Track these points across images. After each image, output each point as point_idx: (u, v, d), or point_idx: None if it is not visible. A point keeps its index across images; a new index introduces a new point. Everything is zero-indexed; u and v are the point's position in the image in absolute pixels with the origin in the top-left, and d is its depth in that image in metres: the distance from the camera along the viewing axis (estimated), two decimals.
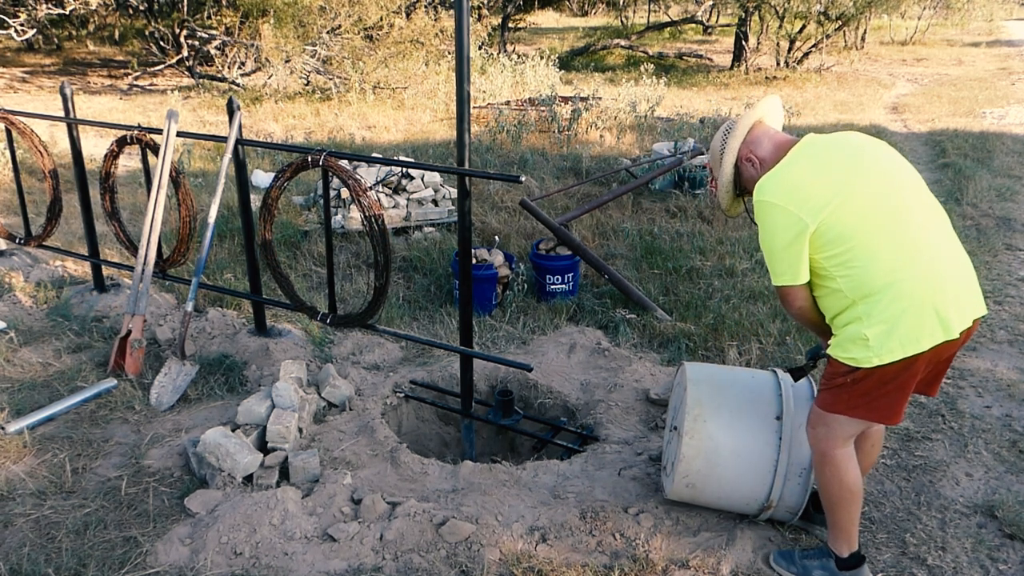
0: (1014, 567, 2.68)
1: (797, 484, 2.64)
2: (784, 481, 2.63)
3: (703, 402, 2.70)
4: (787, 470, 2.63)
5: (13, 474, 3.08)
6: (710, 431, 2.67)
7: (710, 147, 2.54)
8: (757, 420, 2.68)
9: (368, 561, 2.63)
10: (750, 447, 2.66)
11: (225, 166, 3.77)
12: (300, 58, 11.85)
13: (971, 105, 12.15)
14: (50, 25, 14.85)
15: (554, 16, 28.84)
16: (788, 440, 2.62)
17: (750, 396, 2.74)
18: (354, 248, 5.73)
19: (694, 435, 2.66)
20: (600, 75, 15.22)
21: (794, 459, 2.63)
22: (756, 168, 2.43)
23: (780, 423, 2.65)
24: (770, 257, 2.34)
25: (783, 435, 2.63)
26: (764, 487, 2.65)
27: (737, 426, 2.67)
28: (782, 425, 2.65)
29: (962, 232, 6.11)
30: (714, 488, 2.71)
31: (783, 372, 2.82)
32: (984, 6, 23.20)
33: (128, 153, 4.79)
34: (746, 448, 2.66)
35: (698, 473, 2.68)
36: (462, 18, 2.83)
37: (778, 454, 2.63)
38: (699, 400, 2.70)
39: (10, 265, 5.16)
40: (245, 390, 3.74)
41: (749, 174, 2.44)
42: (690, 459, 2.67)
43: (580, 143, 9.06)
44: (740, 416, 2.69)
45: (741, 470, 2.66)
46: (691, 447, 2.66)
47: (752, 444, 2.66)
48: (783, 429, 2.64)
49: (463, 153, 3.04)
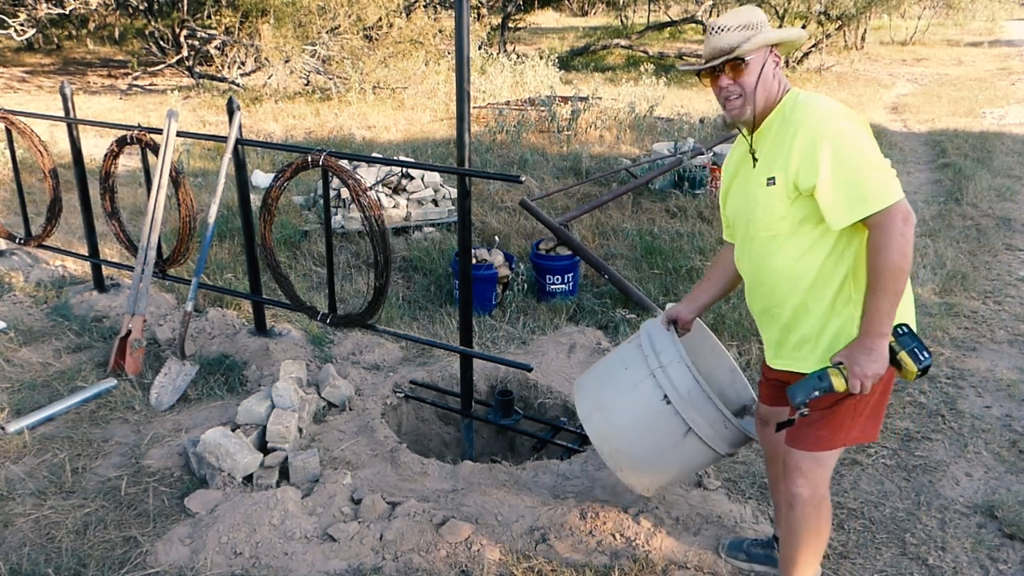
0: (1014, 567, 2.68)
1: (705, 406, 2.42)
2: (692, 410, 2.42)
3: (585, 399, 2.65)
4: (686, 401, 2.42)
5: (13, 474, 3.08)
6: (596, 418, 2.58)
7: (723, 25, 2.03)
8: (633, 380, 2.51)
9: (368, 561, 2.63)
10: (637, 406, 2.50)
11: (225, 166, 3.77)
12: (300, 58, 11.85)
13: (971, 105, 12.15)
14: (50, 25, 14.84)
15: (554, 16, 28.83)
16: (667, 382, 2.43)
17: (620, 366, 2.60)
18: (354, 248, 5.73)
19: (589, 424, 2.61)
20: (600, 75, 15.21)
21: (682, 391, 2.42)
22: (778, 77, 2.05)
23: (654, 376, 2.46)
24: (867, 171, 1.86)
25: (661, 382, 2.43)
26: (679, 427, 2.45)
27: (619, 399, 2.54)
28: (656, 374, 2.45)
29: (962, 232, 6.12)
30: (644, 458, 2.56)
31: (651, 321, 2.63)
32: (986, 6, 23.20)
33: (128, 153, 4.79)
34: (635, 409, 2.51)
35: (613, 453, 2.59)
36: (462, 18, 2.83)
37: (663, 394, 2.44)
38: (582, 398, 2.66)
39: (10, 265, 5.15)
40: (245, 390, 3.74)
41: (772, 74, 2.03)
42: (598, 445, 2.61)
43: (580, 143, 9.06)
44: (618, 390, 2.56)
45: (645, 428, 2.51)
46: (593, 436, 2.61)
47: (638, 401, 2.49)
48: (659, 377, 2.44)
49: (463, 153, 3.04)
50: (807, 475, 2.11)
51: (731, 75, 2.02)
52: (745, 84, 2.02)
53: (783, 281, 2.08)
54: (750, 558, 2.59)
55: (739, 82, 2.02)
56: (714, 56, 2.03)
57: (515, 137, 9.14)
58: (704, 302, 2.54)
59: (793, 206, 1.99)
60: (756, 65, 2.02)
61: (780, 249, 2.05)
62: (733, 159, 2.27)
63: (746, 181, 2.15)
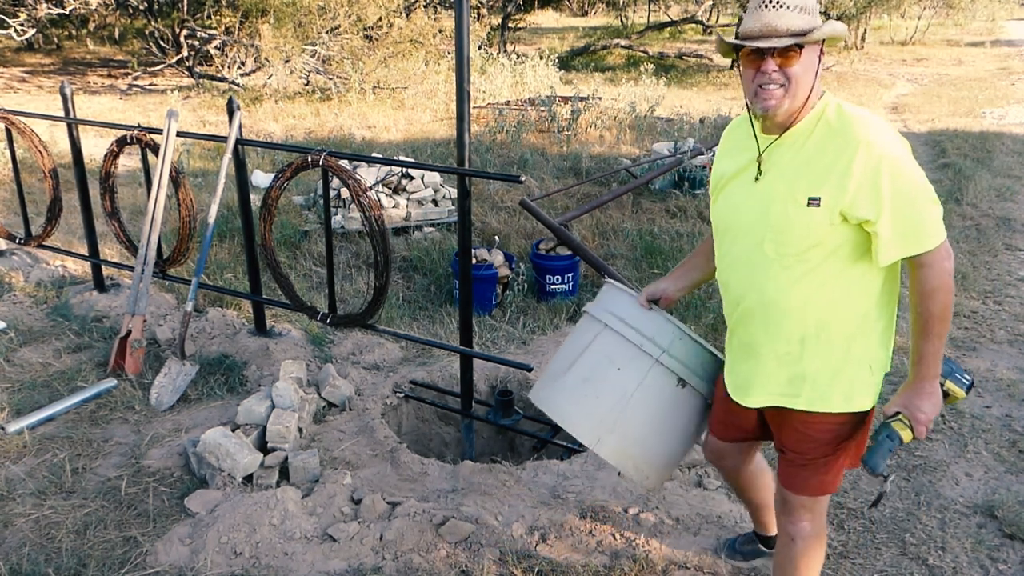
0: (1014, 567, 2.68)
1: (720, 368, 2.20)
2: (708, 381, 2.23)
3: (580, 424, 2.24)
4: (701, 375, 2.20)
5: (13, 474, 3.08)
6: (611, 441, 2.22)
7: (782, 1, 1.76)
8: (635, 377, 2.18)
9: (368, 561, 2.63)
10: (651, 405, 2.20)
11: (225, 166, 3.77)
12: (300, 58, 11.85)
13: (971, 105, 12.15)
14: (50, 25, 14.84)
15: (554, 16, 28.82)
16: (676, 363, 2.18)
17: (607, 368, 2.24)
18: (354, 248, 5.73)
19: (603, 449, 2.23)
20: (600, 75, 15.21)
21: (694, 366, 2.20)
22: (820, 77, 1.83)
23: (660, 363, 2.17)
24: (926, 205, 1.73)
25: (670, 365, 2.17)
26: (700, 404, 2.26)
27: (628, 409, 2.20)
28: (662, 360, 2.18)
29: (962, 232, 6.12)
30: (671, 452, 2.29)
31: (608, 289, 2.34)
32: (986, 6, 23.19)
33: (128, 153, 4.79)
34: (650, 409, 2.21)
35: (639, 467, 2.27)
36: (462, 18, 2.83)
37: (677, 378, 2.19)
38: (575, 424, 2.25)
39: (10, 265, 5.15)
40: (245, 390, 3.74)
41: (817, 71, 1.80)
42: (620, 465, 2.25)
43: (580, 143, 9.06)
44: (619, 397, 2.20)
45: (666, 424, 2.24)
46: (612, 459, 2.24)
47: (650, 399, 2.19)
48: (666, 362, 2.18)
49: (463, 153, 3.04)
50: (812, 510, 2.03)
51: (780, 60, 1.74)
52: (793, 74, 1.75)
53: (792, 312, 1.86)
54: (744, 556, 2.62)
55: (787, 71, 1.74)
56: (770, 34, 1.73)
57: (515, 137, 9.14)
58: (695, 280, 2.32)
59: (833, 232, 1.76)
60: (811, 55, 1.77)
61: (801, 278, 1.82)
62: (734, 160, 1.98)
63: (765, 191, 1.85)
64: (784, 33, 1.72)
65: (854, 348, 1.86)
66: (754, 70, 1.77)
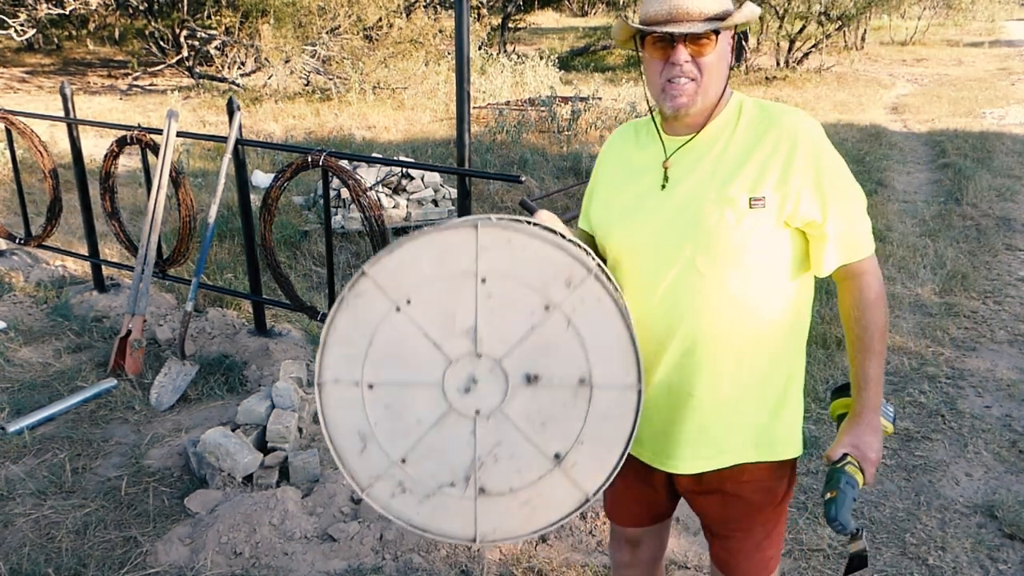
0: (1014, 567, 2.68)
1: None
2: None
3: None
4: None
5: (13, 474, 3.08)
6: None
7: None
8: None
9: (368, 561, 2.63)
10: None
11: (225, 166, 3.77)
12: (300, 58, 11.86)
13: (971, 105, 12.15)
14: (50, 25, 14.85)
15: (554, 16, 28.84)
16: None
17: None
18: (354, 248, 5.73)
19: None
20: (600, 75, 15.21)
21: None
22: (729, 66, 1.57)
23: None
24: (862, 206, 1.55)
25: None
26: None
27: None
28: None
29: (962, 232, 6.12)
30: None
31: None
32: (986, 7, 23.20)
33: (128, 153, 4.79)
34: None
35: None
36: (462, 18, 2.83)
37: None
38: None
39: (10, 265, 5.15)
40: (245, 390, 3.74)
41: (728, 63, 1.55)
42: None
43: (580, 143, 9.07)
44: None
45: None
46: None
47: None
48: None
49: (463, 153, 3.04)
50: None
51: (692, 49, 1.47)
52: (707, 65, 1.48)
53: (732, 340, 1.54)
54: None
55: (700, 61, 1.48)
56: (681, 18, 1.46)
57: (515, 137, 9.15)
58: None
59: (776, 237, 1.51)
60: (724, 43, 1.52)
61: (739, 299, 1.52)
62: (627, 176, 1.66)
63: (686, 200, 1.54)
64: (698, 17, 1.46)
65: (792, 383, 1.61)
66: (662, 61, 1.50)
